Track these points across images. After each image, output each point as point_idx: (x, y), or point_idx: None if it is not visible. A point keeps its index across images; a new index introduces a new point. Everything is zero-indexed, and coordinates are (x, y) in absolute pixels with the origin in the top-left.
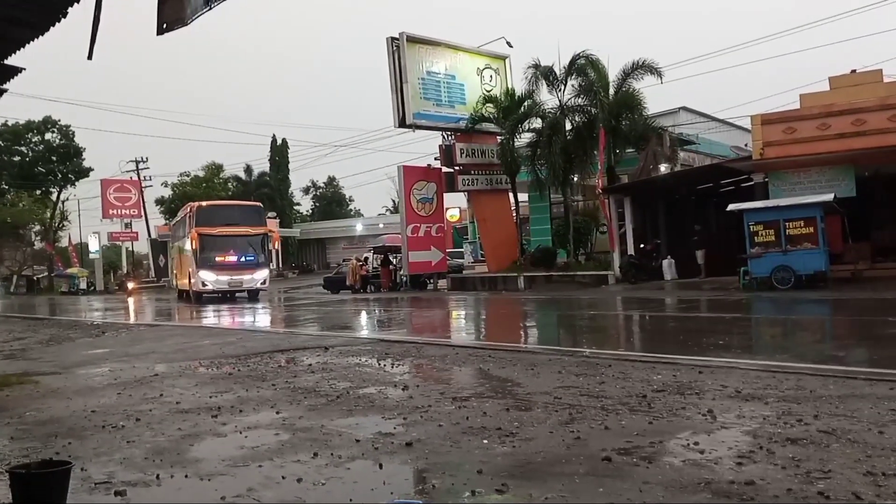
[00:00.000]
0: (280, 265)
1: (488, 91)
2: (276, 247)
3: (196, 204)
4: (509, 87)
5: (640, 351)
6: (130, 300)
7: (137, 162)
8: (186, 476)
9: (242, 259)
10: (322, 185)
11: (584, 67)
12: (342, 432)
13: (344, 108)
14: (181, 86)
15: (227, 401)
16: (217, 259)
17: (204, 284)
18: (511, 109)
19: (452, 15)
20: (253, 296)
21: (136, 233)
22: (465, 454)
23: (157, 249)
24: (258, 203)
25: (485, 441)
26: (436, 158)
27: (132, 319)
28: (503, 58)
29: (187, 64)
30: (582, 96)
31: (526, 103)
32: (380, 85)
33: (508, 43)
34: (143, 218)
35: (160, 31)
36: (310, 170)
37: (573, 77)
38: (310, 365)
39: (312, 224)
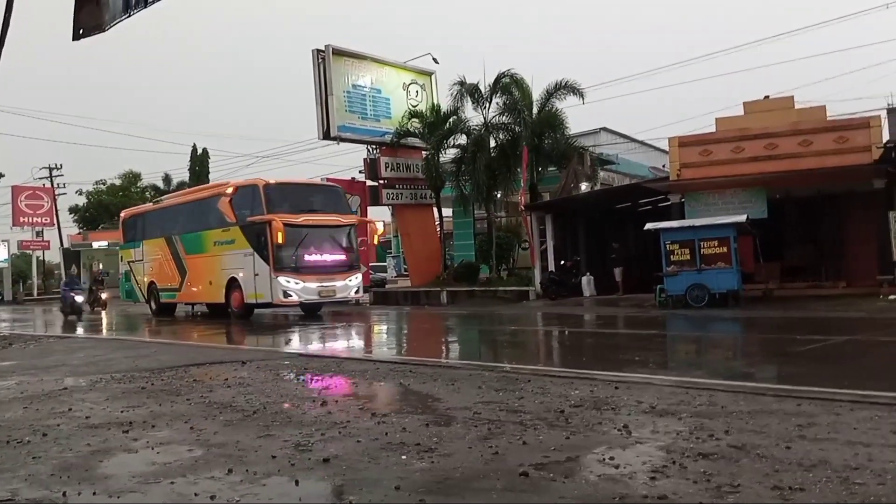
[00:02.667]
0: None
1: (414, 106)
2: (376, 241)
3: (260, 182)
4: (435, 102)
5: (559, 366)
6: (104, 316)
7: (51, 169)
8: (95, 493)
9: (335, 258)
10: None
11: (509, 86)
12: (258, 448)
13: (268, 119)
14: (100, 92)
15: (139, 415)
16: (306, 259)
17: (286, 295)
18: (436, 125)
19: (380, 30)
20: (313, 310)
21: (48, 241)
22: (383, 470)
23: (69, 259)
24: (337, 184)
25: (403, 457)
26: (360, 172)
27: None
28: (429, 74)
29: (107, 69)
30: (506, 114)
31: (451, 119)
32: (306, 97)
33: (434, 59)
34: (56, 226)
35: (76, 37)
36: (231, 180)
37: (498, 95)
38: (226, 379)
39: None
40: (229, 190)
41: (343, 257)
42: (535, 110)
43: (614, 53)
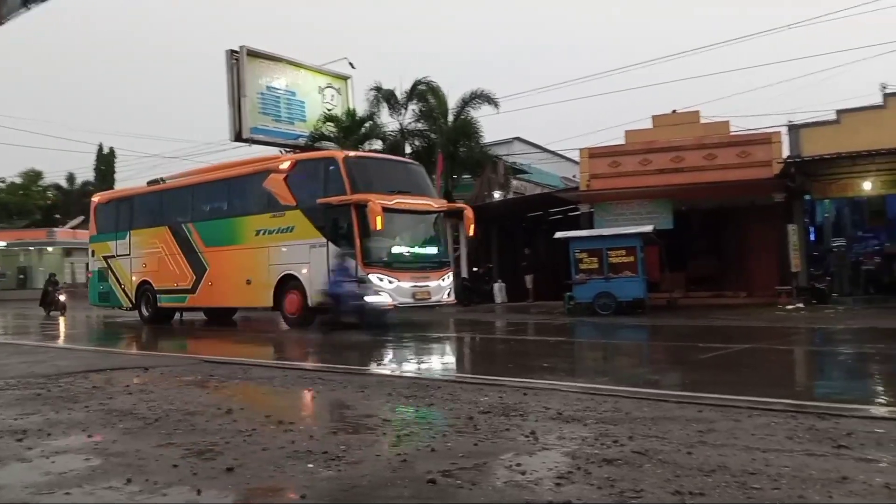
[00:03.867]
0: None
1: (329, 110)
2: (472, 232)
3: (338, 153)
4: (351, 107)
5: (470, 372)
6: (62, 323)
7: None
8: None
9: (430, 251)
10: None
11: (425, 93)
12: (159, 457)
13: (179, 120)
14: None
15: (33, 423)
16: (401, 251)
17: (378, 295)
18: (352, 129)
19: (299, 32)
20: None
21: None
22: (288, 479)
23: None
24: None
25: (310, 465)
26: None
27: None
28: (345, 78)
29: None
30: (422, 121)
31: (367, 124)
32: (217, 98)
33: (351, 64)
34: None
35: None
36: (138, 181)
37: (414, 102)
38: (127, 386)
39: None
40: (284, 165)
41: (437, 250)
42: (450, 118)
43: (529, 65)
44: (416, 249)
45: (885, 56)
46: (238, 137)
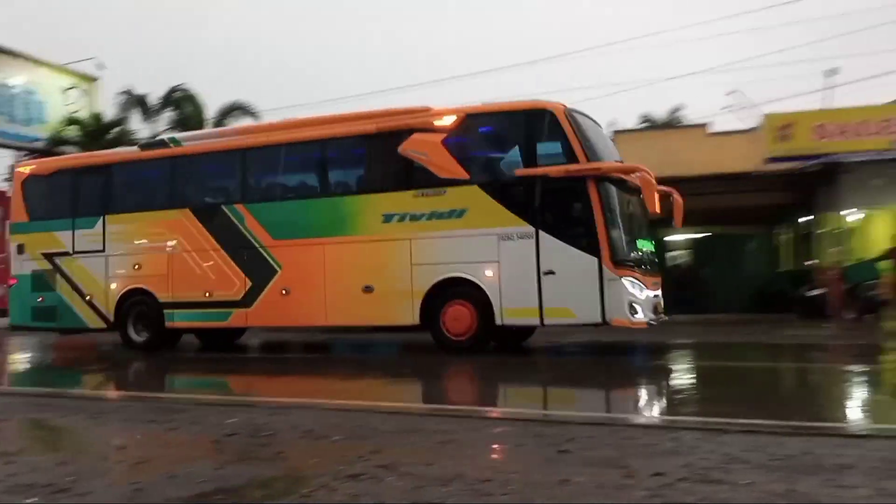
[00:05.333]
0: None
1: (74, 112)
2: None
3: (555, 105)
4: (99, 110)
5: (219, 394)
6: None
7: None
8: None
9: (652, 248)
10: None
11: (182, 101)
12: None
13: None
14: None
15: None
16: (642, 249)
17: (633, 311)
18: (99, 134)
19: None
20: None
21: None
22: None
23: None
24: None
25: (34, 499)
26: (6, 180)
27: None
28: (93, 79)
29: None
30: (178, 129)
31: (116, 130)
32: None
33: (100, 64)
34: None
35: None
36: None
37: (170, 109)
38: None
39: None
40: (443, 121)
41: (654, 246)
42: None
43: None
44: (648, 244)
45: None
46: None
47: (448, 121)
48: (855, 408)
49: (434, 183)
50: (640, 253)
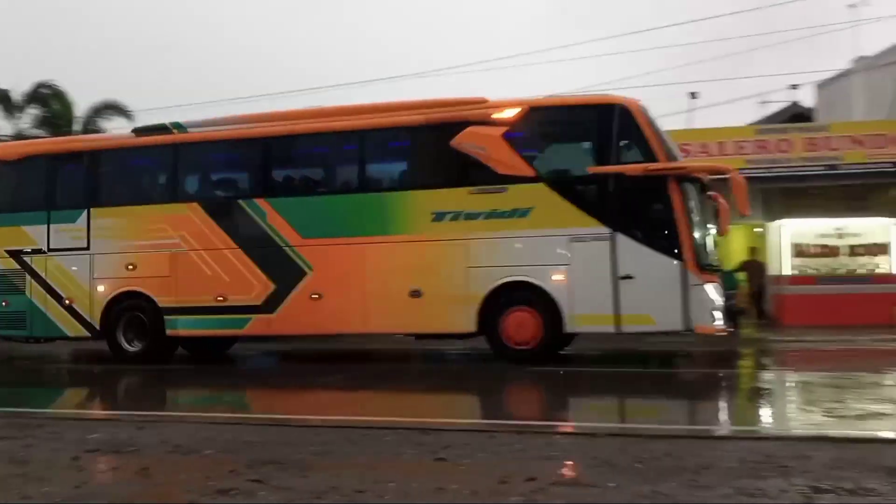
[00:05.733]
0: None
1: None
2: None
3: (628, 101)
4: None
5: (80, 408)
6: None
7: None
8: None
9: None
10: None
11: (48, 98)
12: None
13: None
14: None
15: None
16: (713, 253)
17: (715, 317)
18: None
19: None
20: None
21: None
22: None
23: None
24: None
25: None
26: None
27: None
28: None
29: None
30: (44, 128)
31: None
32: None
33: None
34: None
35: None
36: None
37: (37, 106)
38: None
39: None
40: (504, 114)
41: None
42: (78, 127)
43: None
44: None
45: None
46: None
47: (509, 114)
48: (714, 411)
49: (492, 180)
50: (715, 257)
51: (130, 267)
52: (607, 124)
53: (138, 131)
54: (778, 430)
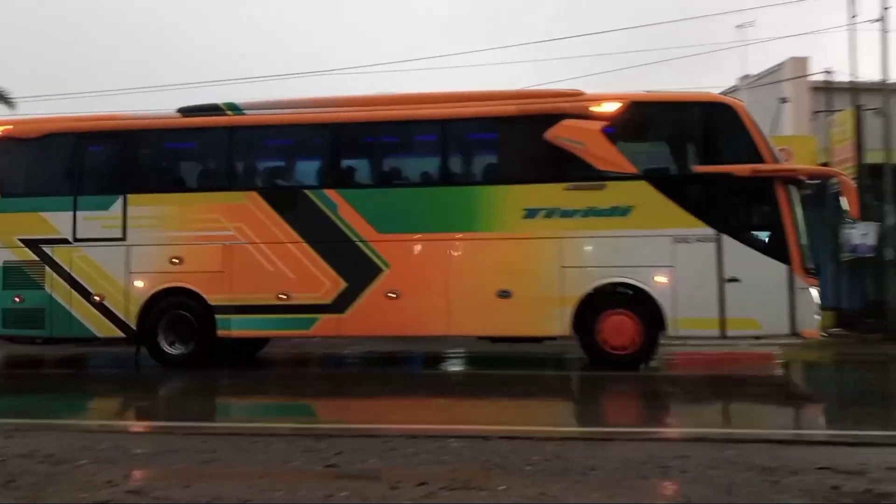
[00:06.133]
0: None
1: None
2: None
3: (734, 101)
4: None
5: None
6: None
7: None
8: None
9: None
10: None
11: None
12: None
13: None
14: None
15: None
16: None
17: (817, 321)
18: None
19: None
20: None
21: None
22: None
23: None
24: None
25: None
26: None
27: None
28: None
29: None
30: None
31: None
32: None
33: None
34: None
35: None
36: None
37: None
38: None
39: None
40: (603, 107)
41: None
42: None
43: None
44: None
45: None
46: None
47: (610, 108)
48: (604, 412)
49: (590, 176)
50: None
51: (175, 260)
52: (715, 123)
53: (185, 111)
54: (661, 431)
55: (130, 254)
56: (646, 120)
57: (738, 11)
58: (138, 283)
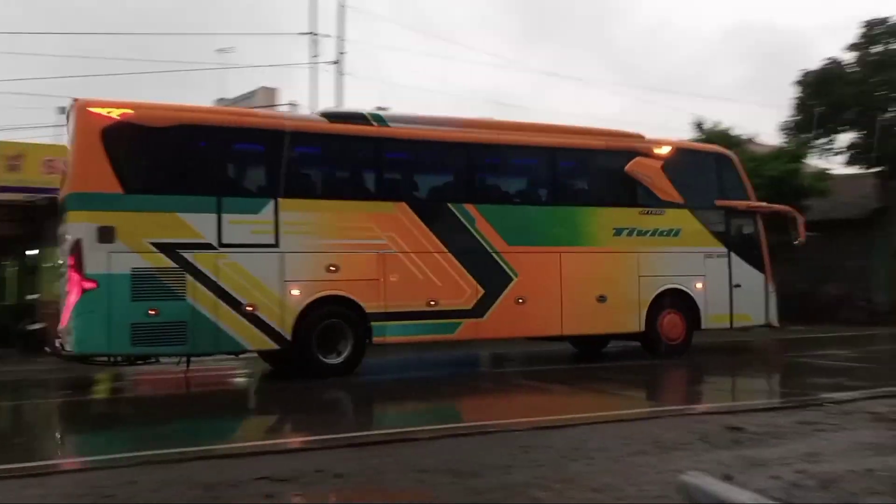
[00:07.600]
0: None
1: None
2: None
3: (727, 151)
4: None
5: None
6: None
7: None
8: None
9: None
10: None
11: None
12: None
13: None
14: None
15: None
16: None
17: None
18: None
19: None
20: None
21: None
22: None
23: None
24: None
25: None
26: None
27: None
28: None
29: None
30: None
31: None
32: None
33: None
34: None
35: None
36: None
37: None
38: None
39: None
40: (661, 149)
41: None
42: None
43: None
44: None
45: None
46: None
47: (665, 150)
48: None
49: (655, 203)
50: None
51: (332, 268)
52: (722, 168)
53: (331, 117)
54: (104, 459)
55: (284, 261)
56: (684, 161)
57: (220, 35)
58: (294, 292)
